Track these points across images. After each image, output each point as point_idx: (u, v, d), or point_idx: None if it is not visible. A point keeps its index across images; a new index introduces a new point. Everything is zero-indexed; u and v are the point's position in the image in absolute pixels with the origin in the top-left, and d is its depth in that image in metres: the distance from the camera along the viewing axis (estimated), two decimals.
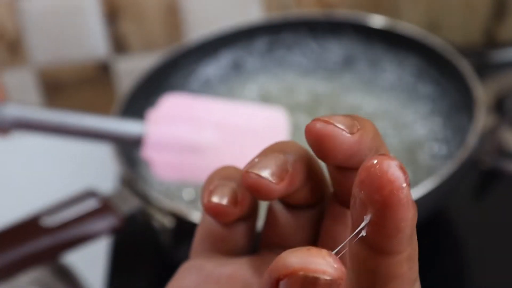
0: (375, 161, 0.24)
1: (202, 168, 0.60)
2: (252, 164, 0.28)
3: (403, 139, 0.71)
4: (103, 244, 0.72)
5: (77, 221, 0.60)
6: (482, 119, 0.64)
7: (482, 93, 0.67)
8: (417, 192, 0.58)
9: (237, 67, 0.79)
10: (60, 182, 0.76)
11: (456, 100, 0.71)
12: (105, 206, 0.61)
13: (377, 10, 0.85)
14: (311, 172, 0.29)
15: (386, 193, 0.23)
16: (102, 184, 0.68)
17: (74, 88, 0.88)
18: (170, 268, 0.68)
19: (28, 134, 0.80)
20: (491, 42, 0.89)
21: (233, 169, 0.31)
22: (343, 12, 0.85)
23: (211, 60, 0.79)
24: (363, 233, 0.24)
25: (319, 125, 0.26)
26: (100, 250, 0.72)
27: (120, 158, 0.64)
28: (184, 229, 0.62)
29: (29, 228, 0.59)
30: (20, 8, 0.83)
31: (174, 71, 0.77)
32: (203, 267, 0.30)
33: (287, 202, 0.30)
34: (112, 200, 0.62)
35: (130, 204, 0.62)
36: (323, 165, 0.28)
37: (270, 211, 0.31)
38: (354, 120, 0.27)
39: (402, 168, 0.24)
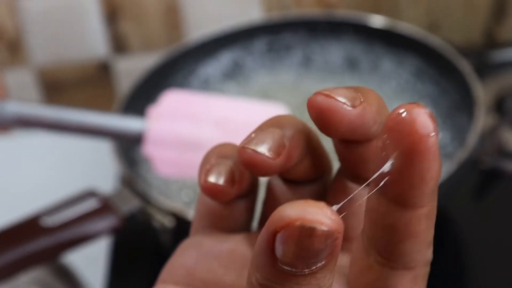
0: (403, 110, 0.23)
1: None
2: (248, 139, 0.27)
3: None
4: (103, 244, 0.72)
5: (77, 221, 0.60)
6: (482, 119, 0.64)
7: (482, 93, 0.67)
8: None
9: (237, 67, 0.80)
10: (60, 182, 0.76)
11: (456, 100, 0.71)
12: (105, 206, 0.61)
13: (377, 10, 0.85)
14: (310, 146, 0.28)
15: (415, 139, 0.23)
16: (102, 184, 0.68)
17: (74, 88, 0.88)
18: None
19: (28, 134, 0.80)
20: (491, 42, 0.89)
21: (230, 146, 0.30)
22: (343, 12, 0.85)
23: (211, 60, 0.79)
24: (382, 183, 0.24)
25: (320, 98, 0.26)
26: (100, 250, 0.72)
27: (120, 158, 0.64)
28: (184, 229, 0.62)
29: (29, 228, 0.59)
30: (20, 8, 0.83)
31: (174, 71, 0.77)
32: (202, 243, 0.30)
33: (286, 177, 0.30)
34: (112, 200, 0.62)
35: (130, 204, 0.62)
36: (328, 139, 0.28)
37: (269, 187, 0.30)
38: (357, 92, 0.26)
39: (431, 117, 0.23)
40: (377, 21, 0.77)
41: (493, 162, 0.71)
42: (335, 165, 0.30)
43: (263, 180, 0.30)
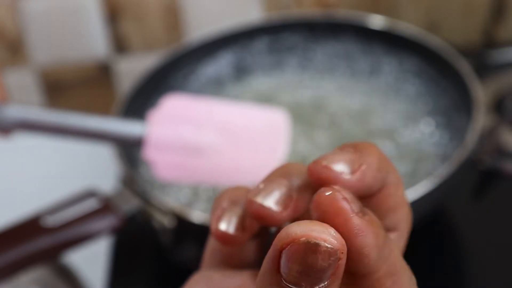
0: (321, 195, 0.25)
1: (203, 169, 0.60)
2: (256, 191, 0.28)
3: (402, 139, 0.71)
4: (104, 244, 0.72)
5: (77, 221, 0.60)
6: (481, 119, 0.65)
7: (481, 93, 0.67)
8: (416, 192, 0.58)
9: (237, 67, 0.80)
10: (61, 182, 0.76)
11: (455, 100, 0.71)
12: (106, 206, 0.61)
13: (377, 10, 0.85)
14: None
15: (336, 225, 0.24)
16: (103, 184, 0.69)
17: (75, 88, 0.88)
18: (170, 268, 0.68)
19: (29, 135, 0.80)
20: (490, 42, 0.89)
21: (242, 191, 0.31)
22: (343, 12, 0.85)
23: (211, 60, 0.79)
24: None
25: (318, 169, 0.27)
26: (101, 249, 0.72)
27: (120, 158, 0.65)
28: (184, 229, 0.62)
29: (29, 227, 0.59)
30: (21, 9, 0.83)
31: (174, 71, 0.77)
32: (212, 278, 0.30)
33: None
34: (113, 200, 0.62)
35: (130, 204, 0.62)
36: None
37: (279, 228, 0.31)
38: (356, 152, 0.27)
39: (345, 199, 0.25)
40: (377, 21, 0.77)
41: (492, 162, 0.71)
42: None
43: None
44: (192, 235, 0.65)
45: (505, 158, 0.71)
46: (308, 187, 0.28)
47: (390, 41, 0.76)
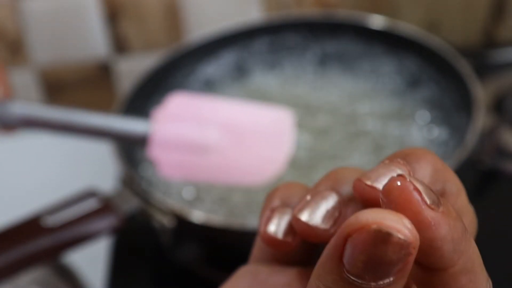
0: (391, 185, 0.23)
1: (207, 168, 0.60)
2: (301, 206, 0.27)
3: (402, 140, 0.71)
4: (104, 244, 0.72)
5: (77, 221, 0.60)
6: (481, 119, 0.65)
7: (481, 93, 0.67)
8: None
9: (237, 67, 0.80)
10: (61, 182, 0.76)
11: (455, 100, 0.71)
12: (106, 206, 0.61)
13: (377, 10, 0.85)
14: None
15: (409, 215, 0.22)
16: (103, 184, 0.69)
17: (75, 88, 0.88)
18: (170, 268, 0.68)
19: (29, 134, 0.80)
20: (491, 42, 0.89)
21: (297, 188, 0.29)
22: (343, 12, 0.85)
23: (211, 60, 0.79)
24: None
25: (362, 187, 0.25)
26: (101, 250, 0.72)
27: (120, 158, 0.65)
28: (184, 229, 0.62)
29: (30, 227, 0.59)
30: (21, 9, 0.83)
31: (174, 71, 0.77)
32: (259, 273, 0.29)
33: None
34: (113, 200, 0.62)
35: (130, 204, 0.62)
36: None
37: None
38: (406, 165, 0.25)
39: (417, 190, 0.23)
40: (377, 21, 0.77)
41: (492, 162, 0.71)
42: None
43: None
44: (192, 235, 0.65)
45: (505, 158, 0.71)
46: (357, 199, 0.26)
47: (390, 41, 0.76)
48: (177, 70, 0.77)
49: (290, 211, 0.28)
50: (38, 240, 0.59)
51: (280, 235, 0.27)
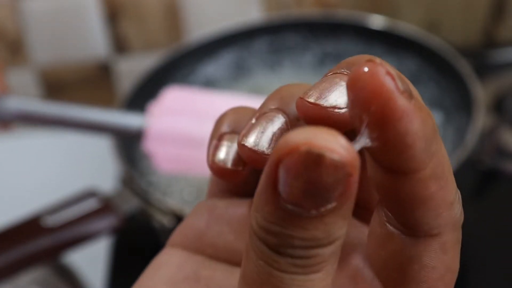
0: (357, 71, 0.20)
1: (203, 161, 0.60)
2: (247, 130, 0.24)
3: None
4: (104, 244, 0.72)
5: (77, 221, 0.60)
6: (481, 119, 0.65)
7: (481, 93, 0.67)
8: None
9: (237, 67, 0.80)
10: (61, 182, 0.76)
11: (455, 100, 0.71)
12: (106, 206, 0.61)
13: (377, 10, 0.85)
14: None
15: (376, 107, 0.20)
16: (103, 184, 0.69)
17: (75, 88, 0.88)
18: None
19: (29, 134, 0.80)
20: (490, 42, 0.89)
21: (246, 111, 0.27)
22: (343, 12, 0.85)
23: (211, 60, 0.79)
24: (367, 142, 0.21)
25: (305, 106, 0.22)
26: (101, 250, 0.72)
27: (120, 158, 0.65)
28: None
29: (30, 228, 0.59)
30: (22, 9, 0.83)
31: (174, 71, 0.77)
32: (215, 207, 0.27)
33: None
34: (113, 200, 0.62)
35: (130, 204, 0.62)
36: None
37: None
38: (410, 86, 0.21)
39: (390, 74, 0.20)
40: (377, 21, 0.77)
41: (492, 162, 0.72)
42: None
43: None
44: None
45: (505, 158, 0.72)
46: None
47: (390, 41, 0.76)
48: (177, 70, 0.77)
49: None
50: (38, 240, 0.59)
51: (229, 164, 0.25)
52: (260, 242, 0.20)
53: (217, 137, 0.26)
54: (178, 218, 0.61)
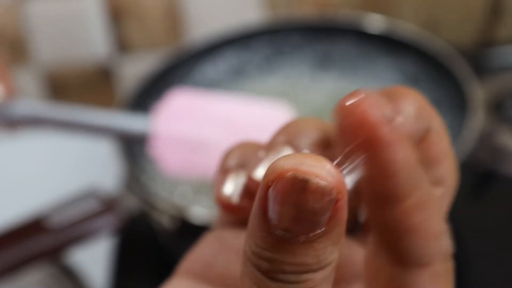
0: (343, 104, 0.21)
1: (210, 164, 0.60)
2: (256, 164, 0.24)
3: None
4: (106, 244, 0.72)
5: (79, 221, 0.60)
6: (480, 120, 0.65)
7: (480, 94, 0.67)
8: None
9: (238, 68, 0.80)
10: (62, 182, 0.77)
11: (453, 101, 0.71)
12: (107, 206, 0.61)
13: (376, 10, 0.86)
14: None
15: (363, 136, 0.20)
16: (104, 184, 0.69)
17: (78, 90, 0.89)
18: (172, 267, 0.68)
19: (30, 135, 0.80)
20: (489, 43, 0.89)
21: (253, 147, 0.26)
22: (342, 12, 0.85)
23: (212, 61, 0.79)
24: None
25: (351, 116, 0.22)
26: (103, 250, 0.72)
27: (122, 158, 0.65)
28: (185, 229, 0.62)
29: (32, 228, 0.60)
30: (24, 11, 0.84)
31: (176, 72, 0.77)
32: (223, 237, 0.27)
33: None
34: (114, 201, 0.62)
35: (131, 205, 0.62)
36: None
37: None
38: (391, 102, 0.22)
39: (375, 105, 0.20)
40: (376, 21, 0.77)
41: (491, 163, 0.72)
42: None
43: None
44: (194, 235, 0.65)
45: (503, 158, 0.72)
46: (325, 145, 0.24)
47: (388, 42, 0.76)
48: (178, 70, 0.78)
49: (246, 172, 0.25)
50: (40, 240, 0.59)
51: (235, 199, 0.25)
52: (253, 267, 0.20)
53: (223, 171, 0.26)
54: (179, 219, 0.61)
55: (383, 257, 0.23)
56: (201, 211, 0.66)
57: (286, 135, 0.25)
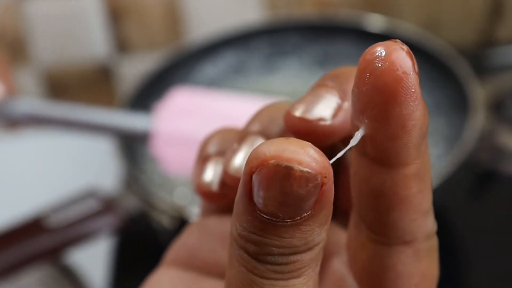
0: (375, 49, 0.20)
1: None
2: (230, 156, 0.24)
3: None
4: (105, 244, 0.72)
5: (79, 221, 0.60)
6: (480, 120, 0.65)
7: (480, 94, 0.67)
8: None
9: (237, 68, 0.80)
10: (62, 182, 0.77)
11: (453, 100, 0.71)
12: (107, 206, 0.61)
13: (376, 10, 0.86)
14: None
15: (389, 78, 0.20)
16: (104, 184, 0.69)
17: (77, 90, 0.89)
18: None
19: (30, 135, 0.80)
20: (489, 42, 0.89)
21: (233, 133, 0.27)
22: (342, 12, 0.85)
23: (212, 61, 0.79)
24: (356, 142, 0.21)
25: (293, 120, 0.23)
26: (102, 250, 0.72)
27: (121, 158, 0.65)
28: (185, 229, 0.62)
29: (31, 228, 0.60)
30: (24, 11, 0.84)
31: (175, 72, 0.77)
32: (206, 225, 0.27)
33: None
34: (114, 200, 0.62)
35: (131, 205, 0.62)
36: None
37: None
38: (336, 86, 0.23)
39: (409, 54, 0.20)
40: (376, 21, 0.77)
41: (491, 162, 0.72)
42: None
43: None
44: None
45: (503, 158, 0.72)
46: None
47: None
48: (178, 70, 0.78)
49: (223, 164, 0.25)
50: (40, 240, 0.59)
51: (215, 187, 0.25)
52: (240, 249, 0.20)
53: (203, 159, 0.26)
54: (179, 219, 0.61)
55: (365, 235, 0.23)
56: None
57: (259, 124, 0.25)
